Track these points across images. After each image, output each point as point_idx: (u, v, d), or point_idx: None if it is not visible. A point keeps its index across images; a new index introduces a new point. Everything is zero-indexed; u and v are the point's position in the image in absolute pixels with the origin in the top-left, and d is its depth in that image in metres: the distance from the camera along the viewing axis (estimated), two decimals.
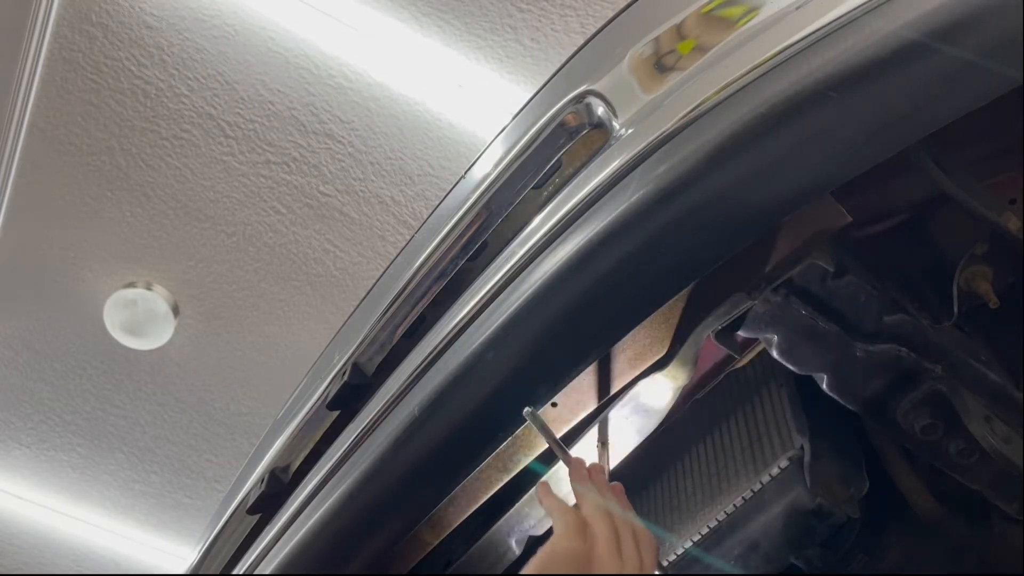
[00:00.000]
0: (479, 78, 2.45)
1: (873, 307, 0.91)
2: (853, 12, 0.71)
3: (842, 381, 0.94)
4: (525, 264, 0.86)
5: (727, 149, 0.74)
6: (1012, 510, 1.01)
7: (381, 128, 2.59)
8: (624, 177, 0.80)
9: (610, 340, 0.85)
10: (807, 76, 0.71)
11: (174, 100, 2.58)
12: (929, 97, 0.70)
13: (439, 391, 0.90)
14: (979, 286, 0.97)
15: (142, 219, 2.84)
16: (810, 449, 1.01)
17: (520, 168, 0.92)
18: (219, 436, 3.40)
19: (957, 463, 0.98)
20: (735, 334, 0.93)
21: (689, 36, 0.82)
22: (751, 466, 1.04)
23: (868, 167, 0.74)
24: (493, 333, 0.85)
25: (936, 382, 0.94)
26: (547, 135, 0.90)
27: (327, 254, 2.87)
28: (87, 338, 3.14)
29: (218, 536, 1.33)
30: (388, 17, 2.38)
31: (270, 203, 2.78)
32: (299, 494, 1.08)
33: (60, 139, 2.68)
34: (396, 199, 2.73)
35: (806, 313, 0.90)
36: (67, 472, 3.58)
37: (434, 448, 0.92)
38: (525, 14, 2.33)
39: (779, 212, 0.78)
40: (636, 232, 0.77)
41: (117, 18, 2.43)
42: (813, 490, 0.98)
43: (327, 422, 1.14)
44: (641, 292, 0.81)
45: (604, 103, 0.85)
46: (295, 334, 3.07)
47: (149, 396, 3.30)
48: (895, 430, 0.98)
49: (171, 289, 3.00)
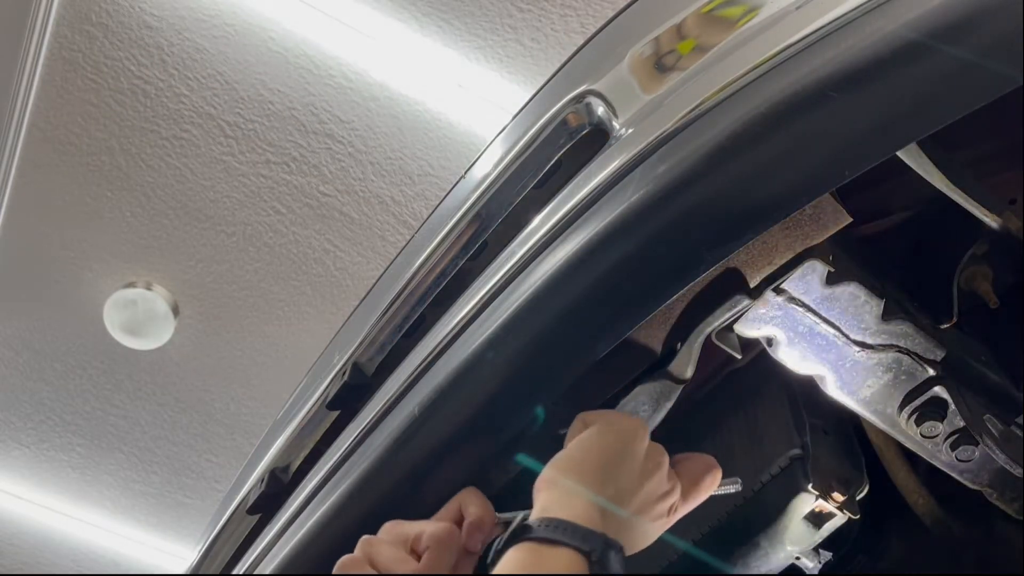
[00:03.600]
0: (479, 78, 2.45)
1: (873, 307, 0.91)
2: (853, 12, 0.71)
3: (842, 381, 0.94)
4: (525, 264, 0.86)
5: (727, 149, 0.74)
6: (1012, 510, 1.01)
7: (381, 128, 2.59)
8: (624, 177, 0.80)
9: (610, 340, 0.85)
10: (807, 76, 0.71)
11: (174, 100, 2.58)
12: (929, 97, 0.70)
13: (439, 391, 0.90)
14: (979, 286, 0.97)
15: (142, 219, 2.84)
16: (810, 449, 1.01)
17: (520, 168, 0.92)
18: (219, 436, 3.40)
19: (957, 463, 0.98)
20: (735, 334, 0.93)
21: (689, 36, 0.82)
22: (751, 466, 1.04)
23: (868, 167, 0.74)
24: (493, 333, 0.85)
25: (936, 382, 0.94)
26: (547, 135, 0.90)
27: (327, 254, 2.87)
28: (87, 338, 3.14)
29: (218, 536, 1.33)
30: (388, 17, 2.38)
31: (270, 203, 2.78)
32: (299, 494, 1.08)
33: (60, 139, 2.68)
34: (396, 199, 2.73)
35: (806, 313, 0.91)
36: (67, 472, 3.58)
37: (434, 448, 0.92)
38: (525, 14, 2.33)
39: (779, 212, 0.78)
40: (636, 232, 0.77)
41: (117, 18, 2.43)
42: (813, 490, 0.98)
43: (327, 422, 1.14)
44: (641, 292, 0.81)
45: (604, 103, 0.85)
46: (295, 334, 3.07)
47: (149, 396, 3.30)
48: (895, 430, 0.98)
49: (171, 289, 3.00)
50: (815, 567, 1.03)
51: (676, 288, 0.82)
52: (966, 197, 0.89)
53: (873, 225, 0.99)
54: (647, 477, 0.85)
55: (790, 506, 0.99)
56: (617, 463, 0.83)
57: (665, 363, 0.92)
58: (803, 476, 0.99)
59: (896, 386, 0.95)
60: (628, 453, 0.84)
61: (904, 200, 0.98)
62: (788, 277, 0.88)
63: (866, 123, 0.72)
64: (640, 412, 0.92)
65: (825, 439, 1.04)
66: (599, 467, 0.82)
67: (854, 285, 0.90)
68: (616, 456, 0.83)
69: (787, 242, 0.87)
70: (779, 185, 0.75)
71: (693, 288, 0.88)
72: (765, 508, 1.01)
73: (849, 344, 0.92)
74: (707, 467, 0.93)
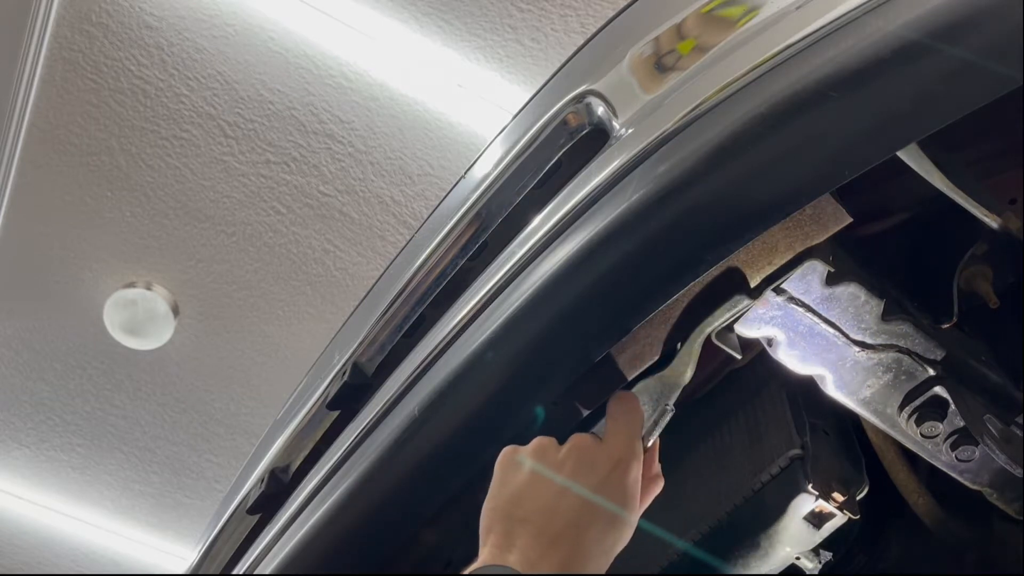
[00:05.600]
0: (479, 78, 2.45)
1: (873, 307, 0.91)
2: (853, 12, 0.71)
3: (842, 381, 0.94)
4: (525, 264, 0.86)
5: (727, 149, 0.74)
6: (1012, 510, 1.01)
7: (381, 128, 2.59)
8: (624, 177, 0.80)
9: (610, 340, 0.85)
10: (807, 76, 0.71)
11: (174, 100, 2.58)
12: (929, 97, 0.70)
13: (439, 391, 0.90)
14: (979, 286, 0.97)
15: (142, 219, 2.84)
16: (810, 449, 1.01)
17: (520, 168, 0.92)
18: (219, 436, 3.40)
19: (957, 463, 0.98)
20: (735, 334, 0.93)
21: (689, 36, 0.82)
22: (751, 466, 1.04)
23: (868, 167, 0.74)
24: (493, 333, 0.85)
25: (936, 382, 0.94)
26: (547, 135, 0.90)
27: (327, 254, 2.87)
28: (87, 338, 3.14)
29: (218, 536, 1.33)
30: (388, 17, 2.38)
31: (270, 203, 2.78)
32: (299, 494, 1.08)
33: (60, 139, 2.68)
34: (396, 199, 2.73)
35: (806, 313, 0.91)
36: (67, 472, 3.58)
37: (434, 448, 0.92)
38: (525, 14, 2.33)
39: (779, 212, 0.78)
40: (636, 232, 0.77)
41: (117, 18, 2.43)
42: (813, 490, 0.98)
43: (327, 422, 1.14)
44: (641, 292, 0.81)
45: (604, 103, 0.85)
46: (295, 334, 3.07)
47: (149, 396, 3.30)
48: (895, 430, 0.98)
49: (171, 289, 3.00)
50: (815, 567, 1.03)
51: (676, 288, 0.82)
52: (966, 197, 0.89)
53: (873, 225, 0.99)
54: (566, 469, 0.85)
55: (790, 506, 0.99)
56: (511, 485, 0.85)
57: (665, 363, 0.92)
58: (803, 476, 0.99)
59: (896, 386, 0.95)
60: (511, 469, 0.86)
61: (904, 200, 0.98)
62: (788, 277, 0.88)
63: (866, 123, 0.72)
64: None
65: (825, 439, 1.04)
66: (505, 500, 0.84)
67: (854, 285, 0.90)
68: (506, 479, 0.85)
69: (787, 242, 0.87)
70: (779, 185, 0.75)
71: (693, 288, 0.88)
72: (765, 508, 1.01)
73: (849, 344, 0.92)
74: (618, 400, 0.91)
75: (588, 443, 0.87)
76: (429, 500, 0.96)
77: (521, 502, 0.83)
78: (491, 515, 0.84)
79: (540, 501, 0.83)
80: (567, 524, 0.82)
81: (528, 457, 0.86)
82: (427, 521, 0.99)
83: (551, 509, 0.82)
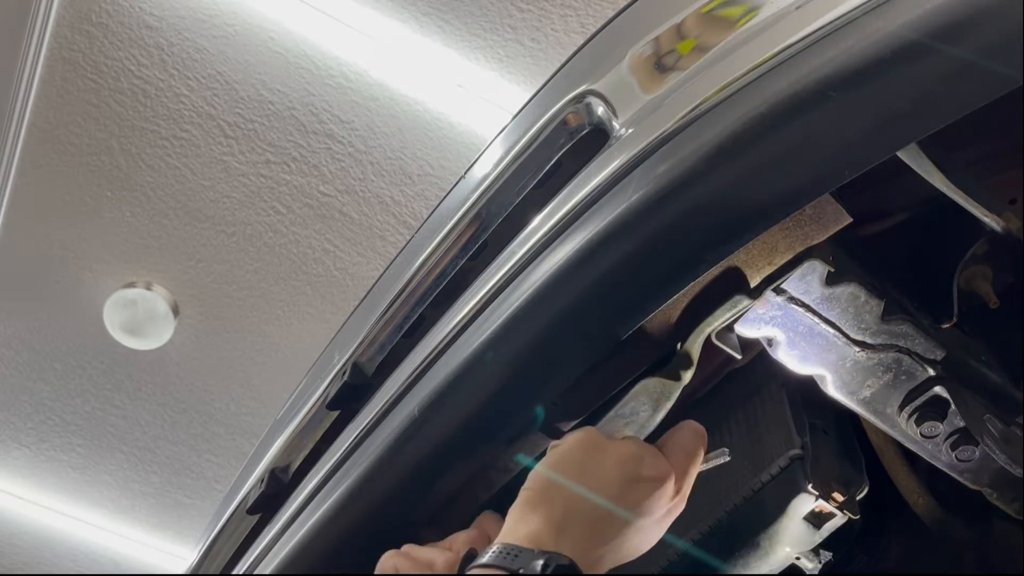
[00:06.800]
0: (479, 78, 2.45)
1: (873, 307, 0.91)
2: (853, 12, 0.71)
3: (842, 381, 0.94)
4: (525, 264, 0.86)
5: (727, 149, 0.74)
6: (1012, 510, 1.01)
7: (381, 128, 2.59)
8: (624, 177, 0.80)
9: (610, 340, 0.85)
10: (807, 76, 0.71)
11: (174, 100, 2.58)
12: (929, 97, 0.70)
13: (439, 391, 0.90)
14: (979, 286, 0.97)
15: (142, 219, 2.84)
16: (810, 449, 1.01)
17: (520, 168, 0.92)
18: (219, 436, 3.40)
19: (957, 463, 0.98)
20: (735, 334, 0.93)
21: (689, 36, 0.82)
22: (751, 466, 1.04)
23: (868, 167, 0.74)
24: (493, 333, 0.85)
25: (936, 382, 0.94)
26: (547, 135, 0.90)
27: (327, 254, 2.87)
28: (87, 338, 3.14)
29: (218, 536, 1.33)
30: (388, 17, 2.38)
31: (270, 203, 2.78)
32: (299, 494, 1.08)
33: (60, 139, 2.68)
34: (396, 199, 2.74)
35: (806, 313, 0.91)
36: (67, 472, 3.58)
37: (434, 448, 0.92)
38: (525, 14, 2.33)
39: (779, 212, 0.78)
40: (636, 232, 0.77)
41: (117, 18, 2.43)
42: (813, 490, 0.98)
43: (327, 422, 1.14)
44: (641, 292, 0.81)
45: (604, 103, 0.85)
46: (295, 334, 3.07)
47: (149, 396, 3.30)
48: (895, 430, 0.98)
49: (171, 289, 3.00)
50: (815, 567, 1.03)
51: (676, 288, 0.82)
52: (966, 197, 0.88)
53: (873, 225, 0.99)
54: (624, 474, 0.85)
55: (790, 506, 0.99)
56: (580, 473, 0.84)
57: (665, 363, 0.92)
58: (803, 476, 0.99)
59: (896, 386, 0.95)
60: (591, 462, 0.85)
61: (904, 200, 0.98)
62: (788, 277, 0.88)
63: (866, 123, 0.72)
64: (640, 412, 0.92)
65: (825, 439, 1.04)
66: (566, 480, 0.83)
67: (854, 285, 0.90)
68: (577, 466, 0.84)
69: (787, 242, 0.87)
70: (779, 185, 0.75)
71: (693, 288, 0.88)
72: (765, 508, 1.01)
73: (849, 344, 0.92)
74: (692, 433, 0.91)
75: (662, 470, 0.87)
76: (429, 500, 0.96)
77: (590, 492, 0.83)
78: (552, 488, 0.83)
79: (605, 502, 0.83)
80: (615, 534, 0.83)
81: (614, 453, 0.85)
82: (427, 521, 0.99)
83: (610, 515, 0.83)
